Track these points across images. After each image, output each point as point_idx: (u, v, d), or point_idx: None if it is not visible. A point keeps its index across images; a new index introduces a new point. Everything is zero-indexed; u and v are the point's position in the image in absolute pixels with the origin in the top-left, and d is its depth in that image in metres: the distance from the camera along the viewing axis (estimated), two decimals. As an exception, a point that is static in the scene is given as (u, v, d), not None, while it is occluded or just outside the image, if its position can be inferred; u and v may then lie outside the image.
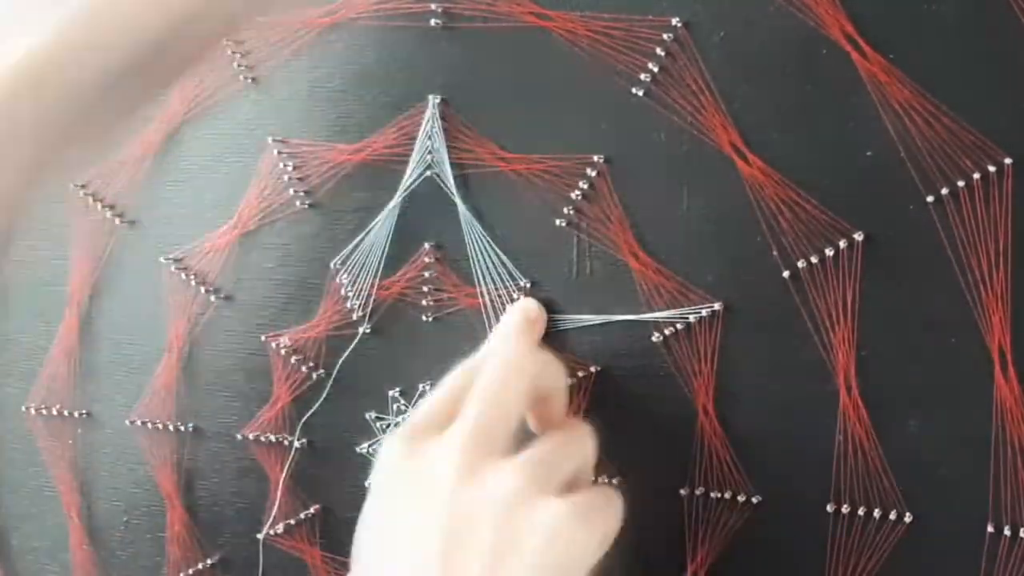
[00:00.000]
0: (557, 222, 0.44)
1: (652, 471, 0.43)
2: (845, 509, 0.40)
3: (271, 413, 0.48)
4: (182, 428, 0.50)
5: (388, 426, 0.46)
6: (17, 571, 0.54)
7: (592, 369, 0.43)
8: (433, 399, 0.37)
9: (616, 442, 0.43)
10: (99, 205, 0.50)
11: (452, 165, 0.44)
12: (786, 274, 0.41)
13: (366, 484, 0.46)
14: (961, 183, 0.38)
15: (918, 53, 0.38)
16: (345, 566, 0.47)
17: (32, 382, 0.52)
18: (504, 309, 0.44)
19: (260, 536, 0.49)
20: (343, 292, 0.47)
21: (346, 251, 0.46)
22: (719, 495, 0.42)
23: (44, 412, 0.52)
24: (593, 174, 0.43)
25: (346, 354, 0.47)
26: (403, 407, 0.46)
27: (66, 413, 0.51)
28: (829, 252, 0.40)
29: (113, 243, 0.50)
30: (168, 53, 0.34)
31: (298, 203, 0.47)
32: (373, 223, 0.46)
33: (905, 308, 0.39)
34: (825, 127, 0.40)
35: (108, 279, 0.50)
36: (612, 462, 0.43)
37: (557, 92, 0.43)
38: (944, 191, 0.38)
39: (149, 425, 0.50)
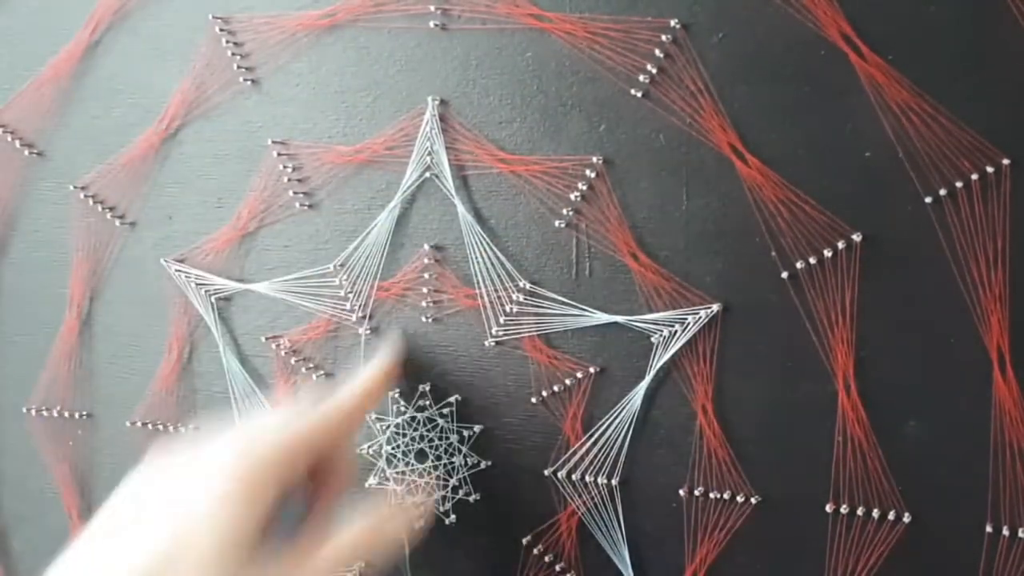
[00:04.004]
0: (556, 223, 0.44)
1: (652, 472, 0.43)
2: (844, 509, 0.40)
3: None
4: (182, 429, 0.50)
5: (387, 427, 0.46)
6: (18, 572, 0.54)
7: (592, 370, 0.43)
8: None
9: (617, 444, 0.43)
10: (99, 207, 0.50)
11: (451, 166, 0.45)
12: (785, 275, 0.41)
13: (365, 485, 0.47)
14: (959, 184, 0.38)
15: (916, 54, 0.38)
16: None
17: (32, 384, 0.52)
18: (504, 310, 0.44)
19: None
20: (343, 293, 0.47)
21: (346, 252, 0.46)
22: (718, 495, 0.42)
23: (44, 413, 0.52)
24: (592, 175, 0.43)
25: (346, 355, 0.47)
26: (403, 408, 0.46)
27: (66, 414, 0.52)
28: (828, 253, 0.40)
29: (113, 244, 0.50)
30: None
31: (298, 204, 0.47)
32: (373, 224, 0.46)
33: (904, 309, 0.39)
34: (823, 128, 0.40)
35: (108, 281, 0.50)
36: (612, 463, 0.43)
37: (556, 93, 0.43)
38: (942, 192, 0.38)
39: (149, 426, 0.50)
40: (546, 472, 0.44)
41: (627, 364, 0.43)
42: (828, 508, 0.40)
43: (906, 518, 0.40)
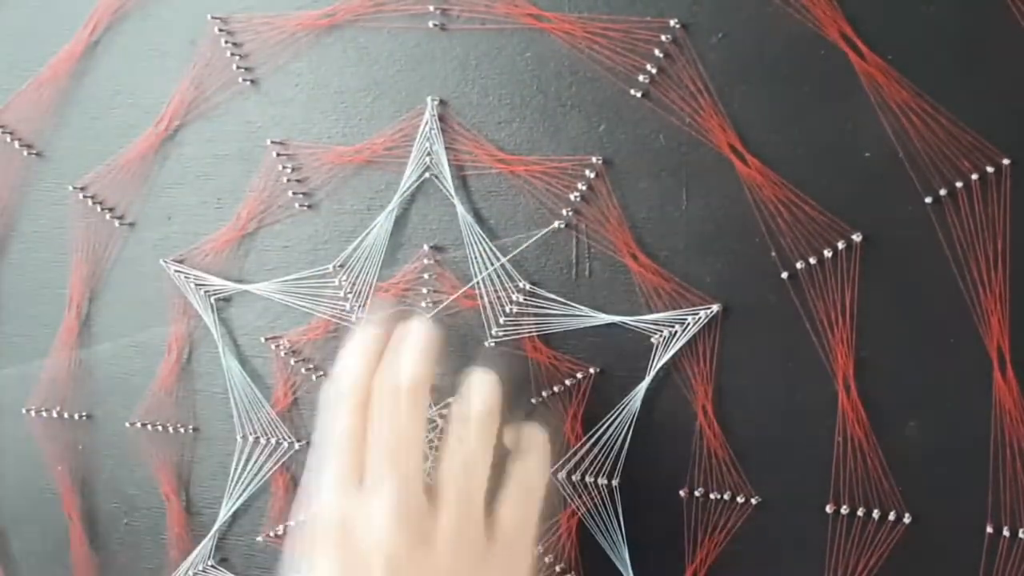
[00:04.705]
0: (556, 223, 0.44)
1: (651, 473, 0.43)
2: (844, 510, 0.40)
3: (271, 415, 0.48)
4: (182, 430, 0.50)
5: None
6: (18, 572, 0.54)
7: (591, 371, 0.43)
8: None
9: (616, 444, 0.43)
10: (99, 207, 0.50)
11: (451, 167, 0.45)
12: (785, 275, 0.41)
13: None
14: (959, 184, 0.38)
15: (916, 54, 0.38)
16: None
17: (32, 385, 0.52)
18: (503, 311, 0.44)
19: (260, 538, 0.49)
20: (342, 294, 0.47)
21: (345, 253, 0.46)
22: (718, 496, 0.42)
23: (44, 414, 0.52)
24: (592, 175, 0.43)
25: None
26: (402, 408, 0.46)
27: (66, 415, 0.52)
28: (828, 253, 0.40)
29: (113, 245, 0.50)
30: None
31: (297, 205, 0.47)
32: (372, 225, 0.46)
33: (904, 309, 0.39)
34: (823, 128, 0.40)
35: (108, 281, 0.50)
36: (612, 464, 0.43)
37: (555, 93, 0.43)
38: (942, 192, 0.38)
39: (149, 427, 0.50)
40: (546, 473, 0.44)
41: (627, 365, 0.43)
42: (828, 509, 0.40)
43: (906, 518, 0.40)
